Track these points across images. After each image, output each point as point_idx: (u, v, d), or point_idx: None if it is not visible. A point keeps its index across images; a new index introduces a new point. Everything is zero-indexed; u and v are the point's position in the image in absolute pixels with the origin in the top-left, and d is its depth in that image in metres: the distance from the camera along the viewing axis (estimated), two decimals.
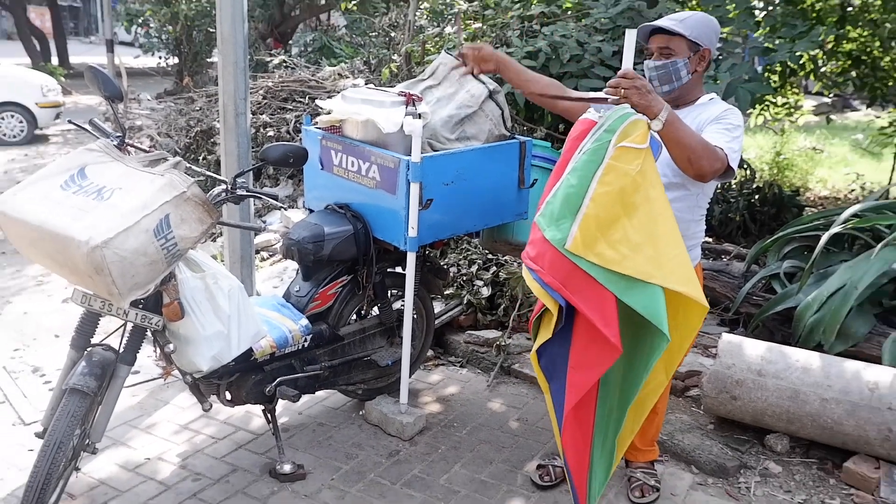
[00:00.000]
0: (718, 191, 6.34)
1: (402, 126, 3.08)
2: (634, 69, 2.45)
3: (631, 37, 2.45)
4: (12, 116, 10.50)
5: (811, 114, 11.45)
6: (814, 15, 6.63)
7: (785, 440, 3.39)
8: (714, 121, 2.63)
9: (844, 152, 10.71)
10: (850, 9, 7.20)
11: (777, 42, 4.78)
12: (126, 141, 2.77)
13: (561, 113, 3.16)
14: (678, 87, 2.72)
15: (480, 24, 6.37)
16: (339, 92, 3.56)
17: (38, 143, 10.72)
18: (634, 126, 2.34)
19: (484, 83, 3.44)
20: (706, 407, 3.56)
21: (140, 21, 14.67)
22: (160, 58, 15.04)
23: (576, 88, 4.74)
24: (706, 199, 2.82)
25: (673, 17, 2.75)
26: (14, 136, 10.52)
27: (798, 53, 4.74)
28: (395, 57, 7.31)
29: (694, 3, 6.70)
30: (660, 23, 2.70)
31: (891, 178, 7.14)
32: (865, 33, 7.05)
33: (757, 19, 5.27)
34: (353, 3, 13.52)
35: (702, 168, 2.45)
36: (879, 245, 3.76)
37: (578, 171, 2.36)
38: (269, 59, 9.17)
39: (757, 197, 6.31)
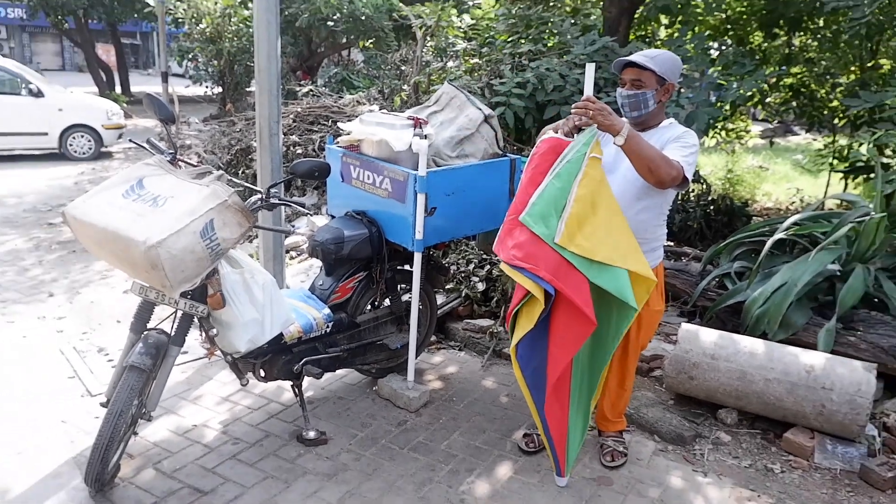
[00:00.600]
0: (679, 202, 6.33)
1: (410, 145, 3.08)
2: (607, 96, 2.50)
3: (590, 69, 2.55)
4: (82, 136, 10.48)
5: (758, 137, 11.41)
6: (760, 54, 6.63)
7: (734, 414, 3.38)
8: (674, 140, 2.64)
9: (786, 170, 10.68)
10: (792, 48, 7.21)
11: (729, 79, 4.78)
12: (177, 157, 2.78)
13: None
14: (645, 114, 2.71)
15: (478, 60, 6.37)
16: (357, 116, 3.55)
17: (103, 159, 10.71)
18: (597, 142, 2.45)
19: (480, 109, 3.44)
20: (667, 385, 3.56)
21: (190, 56, 14.63)
22: (207, 87, 15.02)
23: (558, 114, 4.76)
24: (667, 207, 2.82)
25: (645, 53, 2.73)
26: (84, 153, 10.52)
27: (746, 94, 4.74)
28: (404, 87, 7.31)
29: (658, 43, 6.70)
30: (633, 58, 2.69)
31: (826, 192, 7.13)
32: (804, 70, 7.04)
33: (712, 58, 5.27)
34: (370, 41, 13.51)
35: (660, 176, 2.48)
36: (816, 249, 3.76)
37: (562, 177, 2.42)
38: (298, 88, 9.18)
39: (712, 207, 6.30)
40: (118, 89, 19.86)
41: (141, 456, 2.92)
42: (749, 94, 5.23)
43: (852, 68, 7.14)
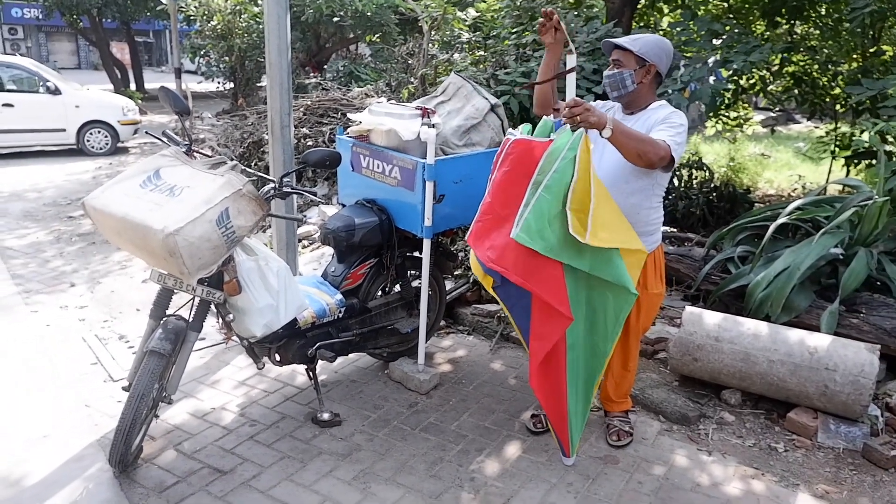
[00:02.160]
0: (682, 189, 6.29)
1: (418, 134, 3.07)
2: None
3: (571, 61, 2.49)
4: (99, 132, 10.53)
5: (759, 126, 11.28)
6: (763, 42, 6.57)
7: (738, 395, 3.38)
8: (661, 121, 2.62)
9: (788, 158, 10.58)
10: (794, 36, 7.13)
11: (733, 55, 4.71)
12: (193, 148, 2.79)
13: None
14: (626, 94, 2.71)
15: (483, 52, 6.34)
16: (366, 108, 3.55)
17: (119, 154, 10.75)
18: (586, 139, 2.42)
19: (486, 99, 3.43)
20: (672, 367, 3.56)
21: (202, 53, 14.64)
22: (219, 83, 15.03)
23: (563, 100, 4.73)
24: (660, 190, 2.77)
25: (631, 36, 2.74)
26: (101, 149, 10.57)
27: (751, 64, 4.67)
28: (412, 80, 7.29)
29: (661, 32, 6.65)
30: (616, 40, 2.72)
31: (828, 178, 7.05)
32: (806, 58, 6.96)
33: (715, 46, 5.21)
34: (377, 36, 13.47)
35: (650, 159, 2.47)
36: (819, 233, 3.73)
37: (553, 189, 2.38)
38: (308, 82, 9.17)
39: (715, 194, 6.26)
40: (133, 86, 19.90)
41: (162, 438, 2.96)
42: (754, 67, 5.14)
43: (854, 55, 7.06)
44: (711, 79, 4.56)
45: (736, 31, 5.15)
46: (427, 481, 2.73)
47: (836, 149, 6.97)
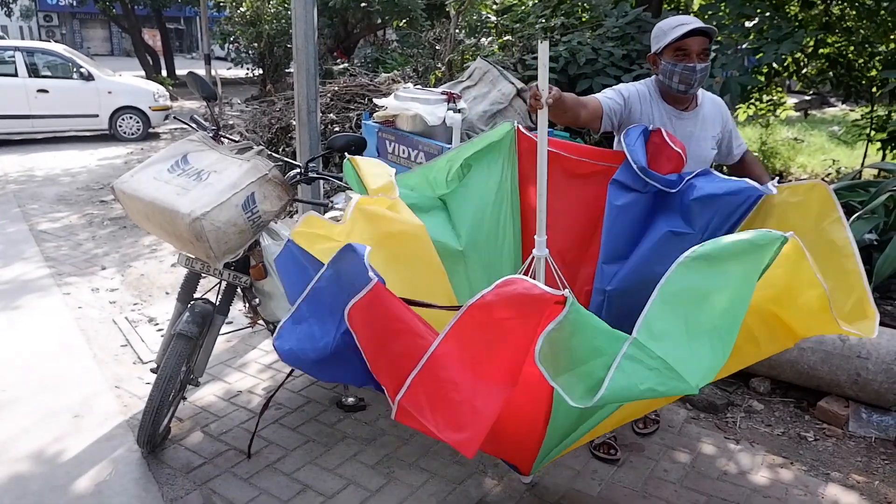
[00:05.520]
0: None
1: (444, 119, 3.04)
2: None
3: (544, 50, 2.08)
4: (131, 118, 10.66)
5: (793, 109, 10.98)
6: (797, 24, 6.37)
7: (767, 383, 3.31)
8: (730, 123, 2.51)
9: (822, 142, 10.29)
10: (829, 17, 6.91)
11: (765, 43, 4.57)
12: (220, 133, 2.79)
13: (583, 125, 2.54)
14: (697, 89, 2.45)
15: (510, 37, 6.26)
16: (392, 93, 3.53)
17: (150, 139, 10.88)
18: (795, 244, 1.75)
19: (513, 83, 3.37)
20: None
21: (231, 39, 14.77)
22: (248, 69, 15.14)
23: (590, 87, 4.62)
24: None
25: (693, 19, 2.39)
26: (132, 134, 10.70)
27: (782, 55, 4.53)
28: (439, 65, 7.23)
29: (696, 10, 6.48)
30: (704, 26, 2.33)
31: (863, 163, 6.85)
32: (841, 39, 6.75)
33: (747, 29, 5.06)
34: (404, 21, 13.43)
35: None
36: (852, 218, 3.62)
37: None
38: (335, 67, 9.16)
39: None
40: (164, 72, 20.12)
41: (190, 419, 2.99)
42: (786, 57, 4.99)
43: (892, 36, 6.82)
44: (737, 73, 4.43)
45: (767, 14, 4.98)
46: (450, 466, 2.72)
47: (872, 132, 6.76)
